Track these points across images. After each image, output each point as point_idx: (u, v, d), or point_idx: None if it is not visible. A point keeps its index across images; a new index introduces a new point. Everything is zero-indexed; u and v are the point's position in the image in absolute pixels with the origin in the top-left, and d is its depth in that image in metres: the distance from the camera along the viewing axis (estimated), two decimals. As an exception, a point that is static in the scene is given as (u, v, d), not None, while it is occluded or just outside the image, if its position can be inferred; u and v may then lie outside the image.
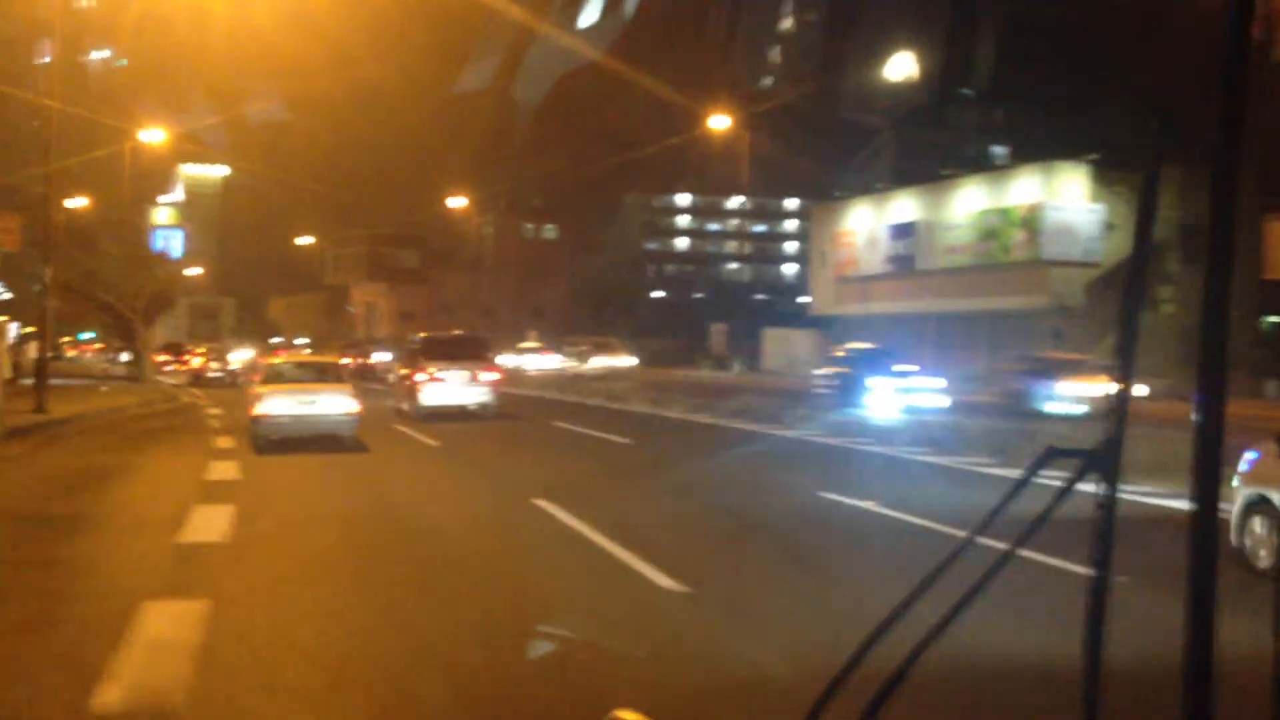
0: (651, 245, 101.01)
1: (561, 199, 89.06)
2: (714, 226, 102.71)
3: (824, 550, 9.32)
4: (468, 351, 24.06)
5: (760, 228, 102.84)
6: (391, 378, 30.34)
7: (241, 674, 5.47)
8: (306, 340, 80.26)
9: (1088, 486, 1.40)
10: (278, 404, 16.65)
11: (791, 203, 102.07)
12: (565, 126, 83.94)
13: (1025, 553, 1.48)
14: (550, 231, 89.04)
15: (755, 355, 52.36)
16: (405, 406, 23.34)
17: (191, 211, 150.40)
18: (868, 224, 50.47)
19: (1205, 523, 1.22)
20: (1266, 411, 22.19)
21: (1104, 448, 1.34)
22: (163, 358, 48.21)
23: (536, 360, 48.35)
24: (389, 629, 6.43)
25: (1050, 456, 1.40)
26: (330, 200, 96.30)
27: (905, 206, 49.06)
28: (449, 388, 22.70)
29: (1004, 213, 42.83)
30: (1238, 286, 1.34)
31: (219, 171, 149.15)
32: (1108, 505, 1.35)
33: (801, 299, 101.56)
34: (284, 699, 5.17)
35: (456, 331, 34.03)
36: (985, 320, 42.62)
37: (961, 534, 1.53)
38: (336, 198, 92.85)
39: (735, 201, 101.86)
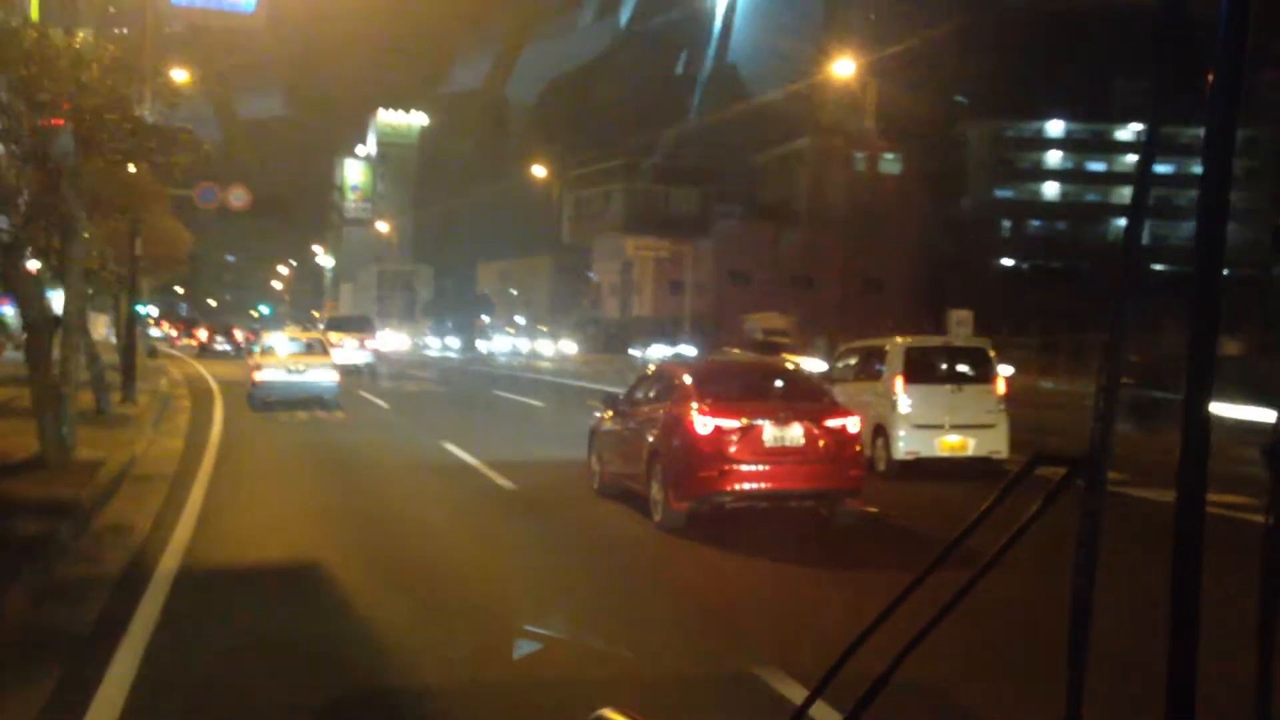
0: (1003, 193, 71.74)
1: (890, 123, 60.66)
2: (1097, 167, 72.39)
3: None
4: (357, 327, 38.92)
5: (1165, 168, 72.02)
6: None
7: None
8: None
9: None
10: (272, 373, 20.84)
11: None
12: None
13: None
14: (892, 164, 59.49)
15: None
16: None
17: (385, 168, 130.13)
18: None
19: (1191, 514, 1.17)
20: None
21: (1090, 453, 1.29)
22: (173, 332, 53.43)
23: None
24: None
25: (1036, 463, 1.36)
26: (564, 128, 71.29)
27: None
28: (344, 351, 32.35)
29: None
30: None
31: (417, 119, 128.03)
32: (1094, 511, 1.30)
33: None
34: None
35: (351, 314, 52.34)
36: None
37: None
38: (573, 120, 67.76)
39: (1130, 131, 71.34)
